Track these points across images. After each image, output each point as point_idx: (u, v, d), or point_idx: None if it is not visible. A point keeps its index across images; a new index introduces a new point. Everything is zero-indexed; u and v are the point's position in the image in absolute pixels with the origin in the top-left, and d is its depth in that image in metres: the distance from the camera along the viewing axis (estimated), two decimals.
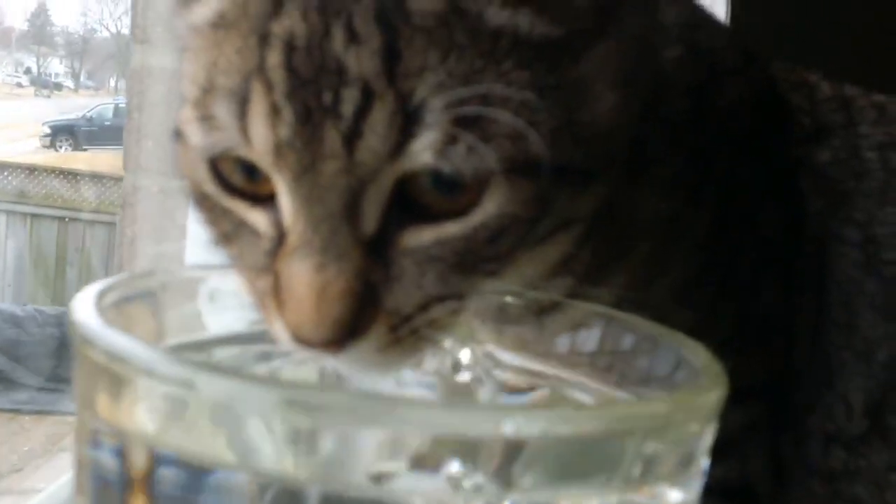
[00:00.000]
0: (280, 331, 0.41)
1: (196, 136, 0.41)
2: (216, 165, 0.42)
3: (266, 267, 0.41)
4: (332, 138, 0.38)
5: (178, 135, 0.43)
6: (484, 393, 0.47)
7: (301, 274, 0.39)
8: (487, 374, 0.47)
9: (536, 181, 0.41)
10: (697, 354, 0.38)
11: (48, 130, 6.34)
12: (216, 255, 0.46)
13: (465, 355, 0.48)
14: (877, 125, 0.63)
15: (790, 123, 0.62)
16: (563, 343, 0.45)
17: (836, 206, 0.60)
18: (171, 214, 1.02)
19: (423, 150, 0.38)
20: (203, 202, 0.44)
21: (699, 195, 0.56)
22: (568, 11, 0.42)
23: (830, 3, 1.09)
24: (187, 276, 0.50)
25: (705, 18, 0.63)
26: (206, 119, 0.40)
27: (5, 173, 5.29)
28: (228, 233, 0.44)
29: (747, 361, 0.58)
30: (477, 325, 0.47)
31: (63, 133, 6.23)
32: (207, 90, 0.40)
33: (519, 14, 0.40)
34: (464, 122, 0.38)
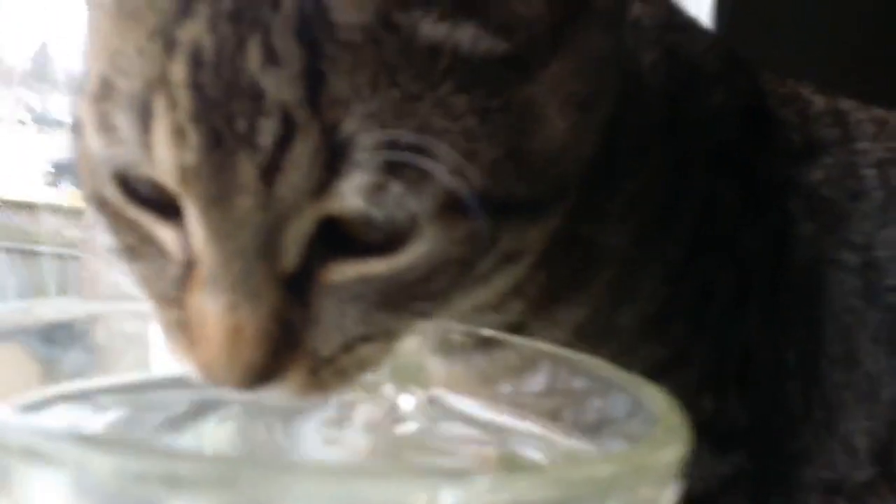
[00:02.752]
0: (190, 367, 0.37)
1: (94, 141, 0.36)
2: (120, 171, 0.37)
3: (174, 297, 0.37)
4: (247, 171, 0.33)
5: (78, 127, 0.38)
6: (427, 446, 0.42)
7: (211, 313, 0.35)
8: (432, 423, 0.42)
9: (473, 220, 0.36)
10: (656, 401, 0.33)
11: (51, 168, 6.36)
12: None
13: (406, 402, 0.43)
14: (876, 140, 0.58)
15: (779, 139, 0.57)
16: (508, 384, 0.40)
17: (831, 228, 0.55)
18: None
19: (351, 193, 0.34)
20: (104, 208, 0.39)
21: (670, 215, 0.51)
22: (515, 22, 0.36)
23: (823, 10, 1.04)
24: (127, 309, 0.45)
25: (686, 22, 0.58)
26: (106, 127, 0.35)
27: (7, 211, 5.29)
28: (133, 247, 0.39)
29: (728, 405, 0.52)
30: (424, 361, 0.42)
31: (65, 171, 6.23)
32: (107, 89, 0.35)
33: (459, 28, 0.35)
34: (396, 168, 0.33)
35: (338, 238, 0.35)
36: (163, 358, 0.45)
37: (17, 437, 0.26)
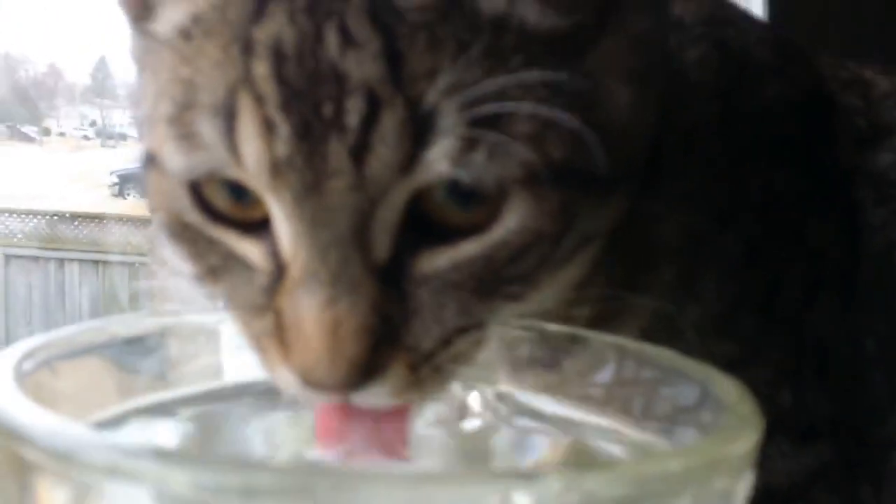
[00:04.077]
0: (285, 376, 0.37)
1: (174, 157, 0.37)
2: (198, 190, 0.38)
3: (263, 304, 0.37)
4: (338, 153, 0.34)
5: (151, 160, 0.39)
6: (497, 442, 0.42)
7: (308, 310, 0.35)
8: (501, 419, 0.42)
9: (559, 190, 0.36)
10: (726, 389, 0.32)
11: (115, 179, 6.50)
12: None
13: (473, 399, 0.43)
14: None
15: (842, 126, 0.55)
16: (578, 380, 0.40)
17: None
18: None
19: (440, 159, 0.34)
20: (183, 234, 0.40)
21: (730, 211, 0.50)
22: (570, 1, 0.38)
23: None
24: (197, 321, 0.46)
25: (735, 14, 0.57)
26: (187, 137, 0.36)
27: (76, 223, 5.44)
28: (215, 267, 0.39)
29: (807, 398, 0.51)
30: (492, 366, 0.42)
31: (130, 181, 6.37)
32: (186, 106, 0.36)
33: (518, 3, 0.36)
34: (482, 123, 0.34)
35: (426, 228, 0.36)
36: (234, 366, 0.46)
37: (98, 455, 0.27)
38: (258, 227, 0.37)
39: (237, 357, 0.46)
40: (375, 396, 0.36)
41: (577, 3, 0.38)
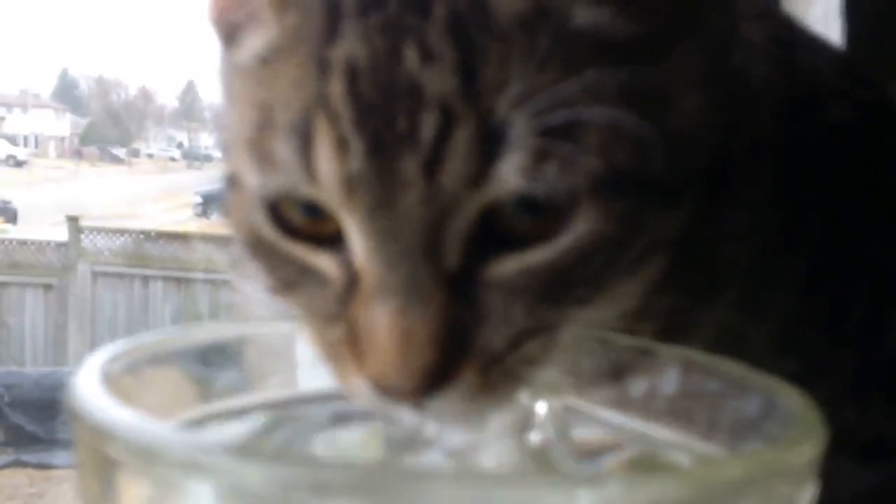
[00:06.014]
0: (357, 384, 0.38)
1: (252, 177, 0.38)
2: (275, 208, 0.39)
3: (337, 314, 0.38)
4: (410, 167, 0.35)
5: (232, 181, 0.41)
6: (557, 455, 0.42)
7: (381, 319, 0.36)
8: (563, 433, 0.42)
9: (628, 197, 0.37)
10: (792, 400, 0.32)
11: (199, 199, 6.69)
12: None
13: (540, 408, 0.43)
14: None
15: None
16: (640, 391, 0.40)
17: None
18: None
19: (511, 173, 0.35)
20: (259, 249, 0.41)
21: (795, 230, 0.50)
22: (650, 7, 0.38)
23: None
24: (275, 330, 0.47)
25: (804, 38, 0.57)
26: (264, 157, 0.38)
27: (161, 242, 5.61)
28: (290, 280, 0.41)
29: (873, 414, 0.51)
30: (558, 378, 0.43)
31: (214, 201, 6.55)
32: (263, 127, 0.38)
33: (602, 12, 0.37)
34: (553, 133, 0.35)
35: (495, 235, 0.37)
36: (307, 374, 0.47)
37: (178, 452, 0.28)
38: (331, 239, 0.38)
39: (311, 367, 0.48)
40: (448, 403, 0.37)
41: (651, 10, 0.38)
